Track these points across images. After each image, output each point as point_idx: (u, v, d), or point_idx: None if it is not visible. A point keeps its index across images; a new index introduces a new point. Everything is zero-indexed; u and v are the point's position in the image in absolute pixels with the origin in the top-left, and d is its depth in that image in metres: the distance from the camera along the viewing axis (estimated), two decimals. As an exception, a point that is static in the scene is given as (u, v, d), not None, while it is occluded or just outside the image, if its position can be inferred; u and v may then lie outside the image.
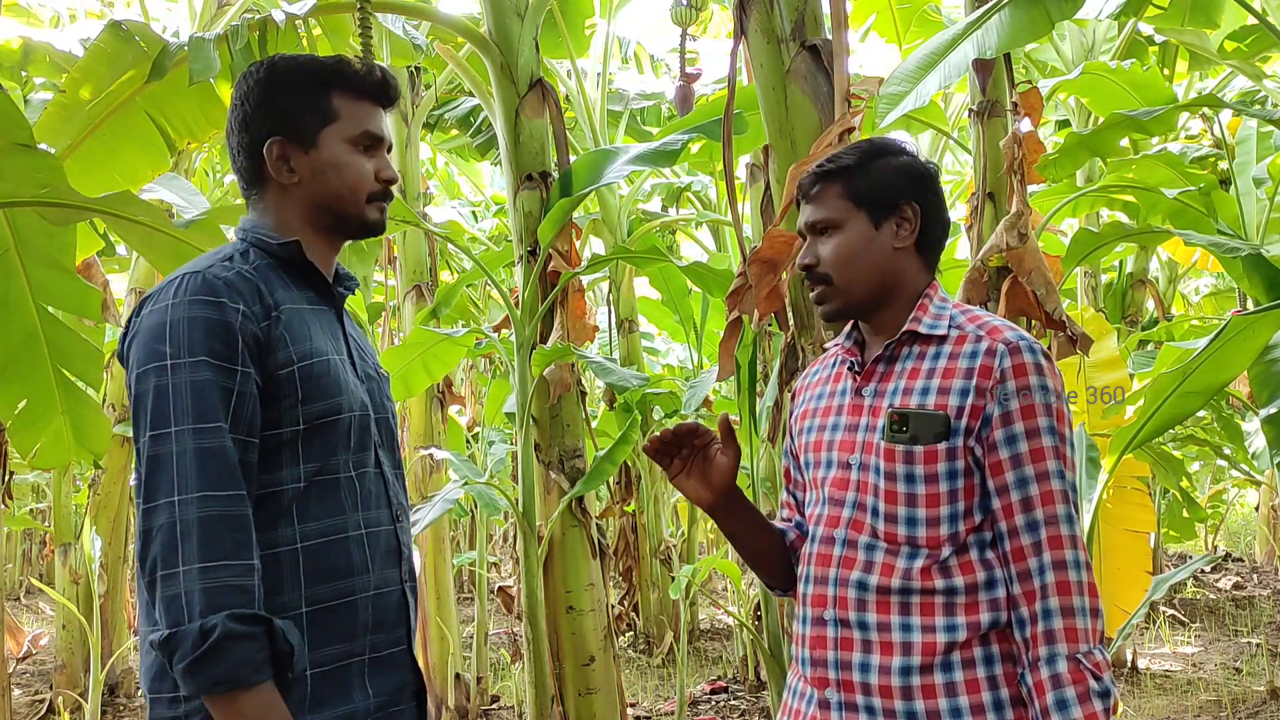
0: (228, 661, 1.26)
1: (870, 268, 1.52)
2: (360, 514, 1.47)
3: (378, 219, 1.56)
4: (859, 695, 1.44)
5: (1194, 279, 10.29)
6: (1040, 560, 1.40)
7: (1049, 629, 1.38)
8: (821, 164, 1.56)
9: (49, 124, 3.42)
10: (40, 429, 3.45)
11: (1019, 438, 1.42)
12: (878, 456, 1.47)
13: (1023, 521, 1.42)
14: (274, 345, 1.40)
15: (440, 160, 10.26)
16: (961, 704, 1.40)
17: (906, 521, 1.45)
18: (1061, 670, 1.36)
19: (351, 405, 1.47)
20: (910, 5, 6.11)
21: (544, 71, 4.04)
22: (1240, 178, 4.84)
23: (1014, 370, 1.43)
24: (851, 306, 1.54)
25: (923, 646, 1.42)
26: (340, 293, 1.59)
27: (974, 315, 1.52)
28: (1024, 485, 1.42)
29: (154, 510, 1.31)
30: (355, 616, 1.44)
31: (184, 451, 1.32)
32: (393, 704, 1.49)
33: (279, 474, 1.40)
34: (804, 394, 1.68)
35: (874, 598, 1.45)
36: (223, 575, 1.28)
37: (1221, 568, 10.05)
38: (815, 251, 1.55)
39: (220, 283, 1.39)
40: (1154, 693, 5.52)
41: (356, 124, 1.52)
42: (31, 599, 11.22)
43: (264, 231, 1.51)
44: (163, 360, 1.35)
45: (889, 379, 1.51)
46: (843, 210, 1.53)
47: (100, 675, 4.79)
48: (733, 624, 7.29)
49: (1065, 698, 1.35)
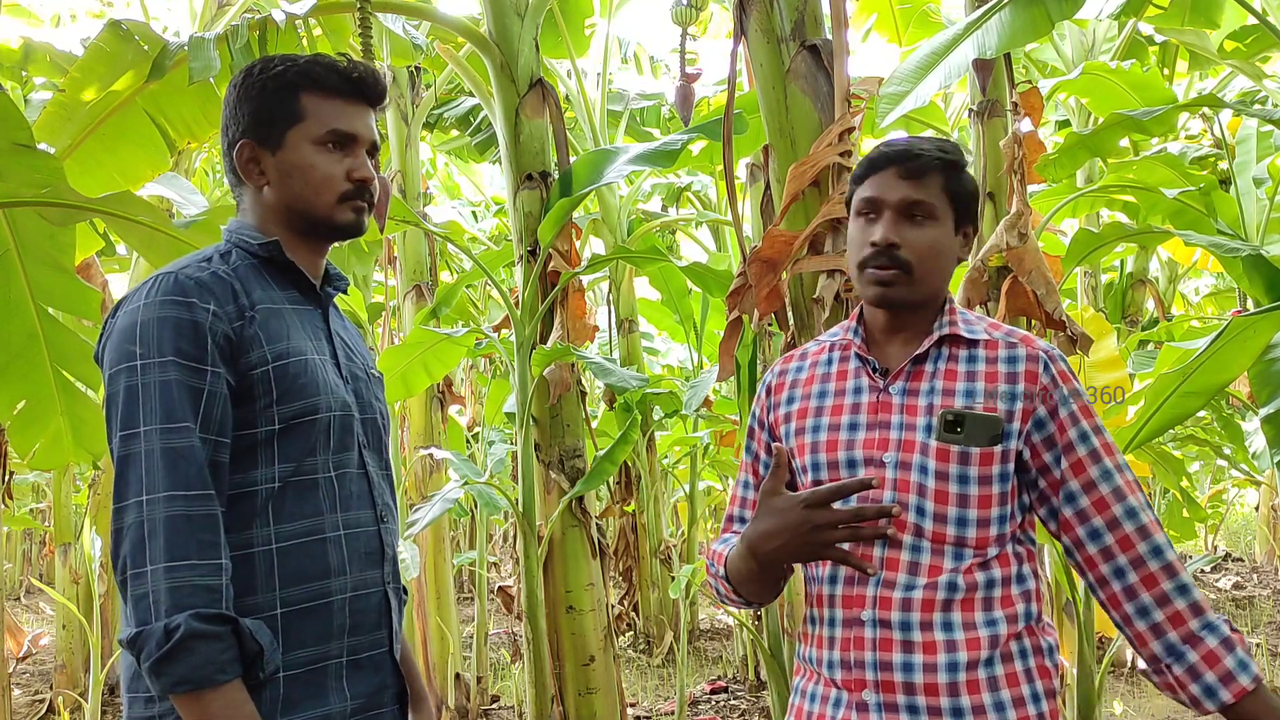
0: (192, 661, 1.26)
1: (944, 269, 1.53)
2: (339, 515, 1.46)
3: (351, 219, 1.52)
4: (900, 695, 1.43)
5: (1194, 279, 10.30)
6: (1149, 544, 1.45)
7: (1191, 603, 1.44)
8: (926, 148, 1.52)
9: (49, 124, 3.42)
10: (40, 430, 3.45)
11: (1089, 434, 1.48)
12: (924, 455, 1.46)
13: (1121, 510, 1.46)
14: (247, 345, 1.40)
15: (440, 160, 10.26)
16: (1004, 697, 1.42)
17: (957, 522, 1.45)
18: (1227, 633, 1.42)
19: (330, 405, 1.46)
20: (911, 5, 6.12)
21: (544, 71, 4.04)
22: (1240, 178, 4.84)
23: (1060, 377, 1.49)
24: (914, 299, 1.51)
25: (967, 643, 1.42)
26: (328, 292, 1.58)
27: (993, 323, 1.56)
28: (1109, 477, 1.47)
29: (124, 510, 1.31)
30: (331, 618, 1.43)
31: (151, 451, 1.32)
32: (372, 706, 1.48)
33: (253, 473, 1.40)
34: (791, 390, 1.61)
35: (920, 596, 1.43)
36: (188, 575, 1.28)
37: (1221, 568, 10.05)
38: (902, 233, 1.49)
39: (191, 283, 1.39)
40: (1154, 693, 5.52)
41: (322, 124, 1.49)
42: (31, 599, 11.22)
43: (246, 232, 1.51)
44: (133, 361, 1.35)
45: (919, 378, 1.50)
46: (942, 204, 1.51)
47: (100, 675, 4.79)
48: (733, 624, 7.29)
49: (1243, 659, 1.42)
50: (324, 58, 1.54)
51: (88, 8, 8.78)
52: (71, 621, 6.18)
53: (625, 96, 7.62)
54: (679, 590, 4.68)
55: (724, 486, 8.99)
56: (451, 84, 6.73)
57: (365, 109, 1.54)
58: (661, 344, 11.59)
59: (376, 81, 1.55)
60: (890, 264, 1.49)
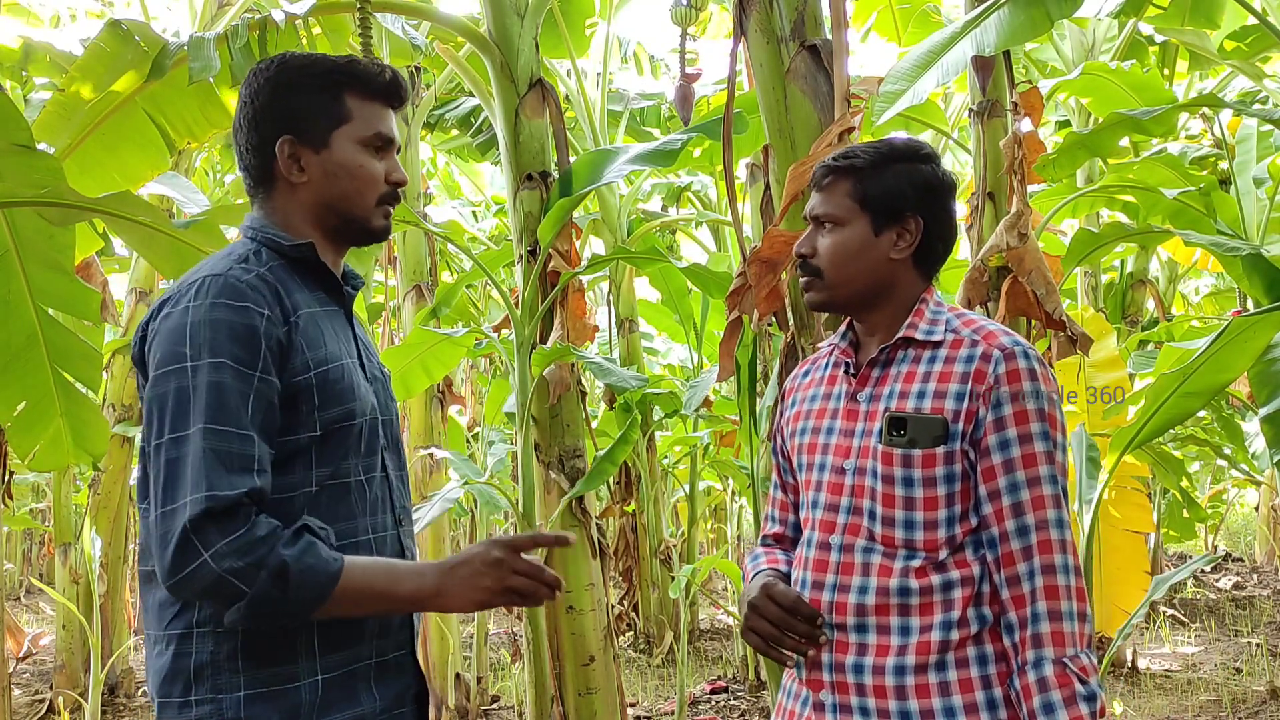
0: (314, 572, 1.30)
1: (862, 272, 1.53)
2: (368, 519, 1.46)
3: (383, 224, 1.54)
4: (853, 696, 1.45)
5: (1194, 279, 10.29)
6: (1030, 564, 1.41)
7: (1037, 633, 1.39)
8: (837, 157, 1.55)
9: (48, 124, 3.42)
10: (39, 431, 3.44)
11: (1011, 443, 1.43)
12: (875, 460, 1.47)
13: (1013, 526, 1.42)
14: (293, 351, 1.39)
15: (440, 160, 10.26)
16: (955, 703, 1.41)
17: (904, 525, 1.45)
18: (1048, 674, 1.37)
19: (364, 410, 1.46)
20: (910, 5, 6.12)
21: (544, 71, 4.03)
22: (1240, 178, 4.84)
23: (1008, 376, 1.44)
24: (836, 303, 1.56)
25: (918, 646, 1.42)
26: (349, 292, 1.57)
27: (969, 320, 1.52)
28: (1015, 490, 1.43)
29: (173, 513, 1.28)
30: (364, 622, 1.43)
31: (205, 452, 1.29)
32: (396, 707, 1.49)
33: (292, 478, 1.39)
34: (794, 395, 1.67)
35: (874, 601, 1.45)
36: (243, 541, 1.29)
37: (1221, 568, 10.05)
38: (814, 243, 1.55)
39: (244, 285, 1.37)
40: (1154, 693, 5.52)
41: (369, 125, 1.50)
42: (31, 599, 11.22)
43: (273, 231, 1.49)
44: (183, 362, 1.33)
45: (884, 383, 1.51)
46: (847, 210, 1.53)
47: (100, 675, 4.79)
48: (733, 624, 7.29)
49: (1051, 701, 1.36)
50: (356, 58, 1.55)
51: (88, 8, 8.78)
52: (71, 621, 6.17)
53: (625, 96, 7.61)
54: (679, 590, 4.68)
55: (724, 486, 8.99)
56: (451, 84, 6.73)
57: (392, 111, 1.55)
58: (661, 344, 11.58)
59: (404, 85, 1.57)
60: (805, 272, 1.56)
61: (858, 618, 1.46)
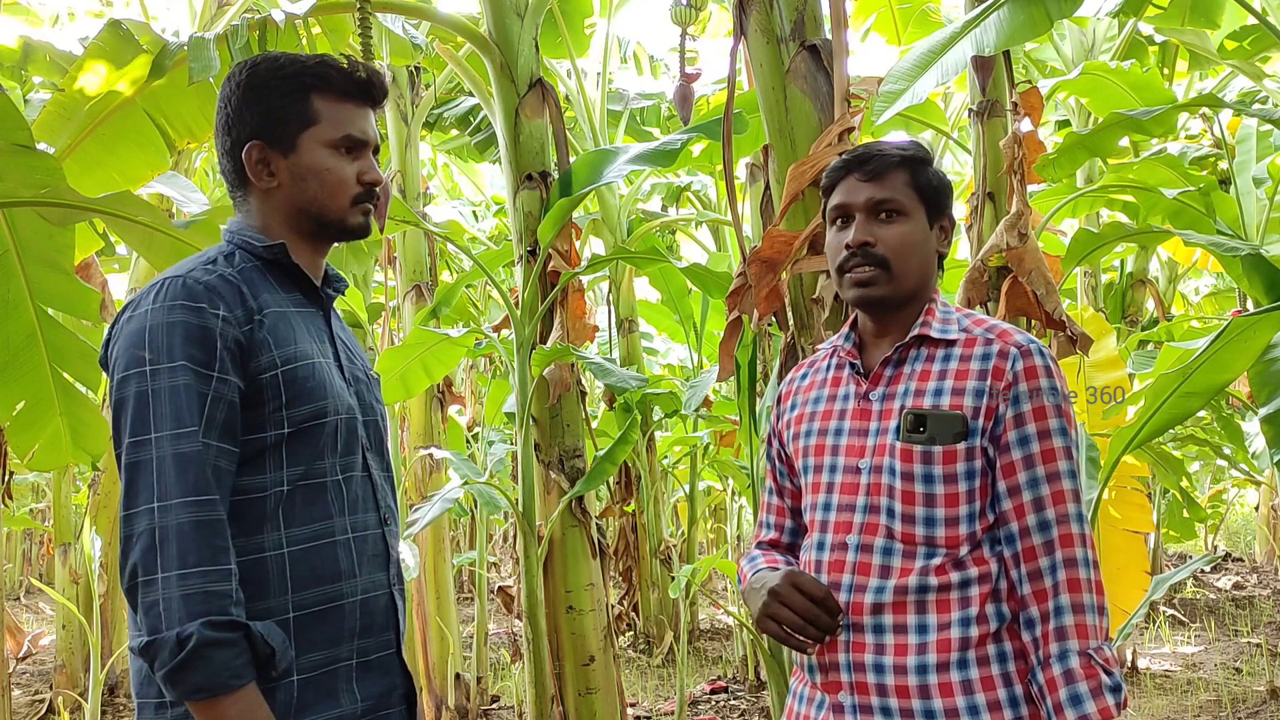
0: (206, 669, 1.26)
1: (922, 264, 1.53)
2: (347, 518, 1.46)
3: (361, 222, 1.53)
4: (874, 697, 1.44)
5: (1194, 279, 10.30)
6: (1052, 559, 1.42)
7: (1061, 626, 1.40)
8: (884, 149, 1.54)
9: (48, 124, 3.42)
10: (39, 431, 3.44)
11: (1031, 439, 1.44)
12: (892, 457, 1.47)
13: (1034, 521, 1.43)
14: (257, 349, 1.39)
15: (440, 160, 10.26)
16: (979, 701, 1.41)
17: (925, 522, 1.45)
18: (1074, 666, 1.38)
19: (338, 408, 1.46)
20: (910, 5, 6.12)
21: (544, 71, 4.04)
22: (1240, 178, 4.84)
23: (1026, 373, 1.45)
24: (896, 297, 1.52)
25: (938, 644, 1.42)
26: (328, 294, 1.57)
27: (978, 319, 1.53)
28: (1036, 485, 1.44)
29: (134, 517, 1.31)
30: (342, 621, 1.43)
31: (163, 457, 1.31)
32: (381, 707, 1.48)
33: (263, 478, 1.39)
34: (794, 397, 1.66)
35: (891, 599, 1.44)
36: (199, 582, 1.28)
37: (1221, 568, 10.05)
38: (875, 231, 1.51)
39: (200, 287, 1.38)
40: (1154, 693, 5.52)
41: (337, 127, 1.49)
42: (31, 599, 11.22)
43: (249, 234, 1.50)
44: (143, 366, 1.34)
45: (897, 381, 1.51)
46: (910, 200, 1.52)
47: (100, 675, 4.79)
48: (733, 624, 7.29)
49: (1078, 693, 1.37)
50: (329, 58, 1.54)
51: (88, 8, 8.78)
52: (71, 621, 6.18)
53: (625, 96, 7.62)
54: (679, 590, 4.68)
55: (724, 486, 8.99)
56: (451, 84, 6.73)
57: (369, 110, 1.54)
58: (661, 344, 11.59)
59: (380, 83, 1.55)
60: (867, 262, 1.51)
61: (874, 617, 1.45)
